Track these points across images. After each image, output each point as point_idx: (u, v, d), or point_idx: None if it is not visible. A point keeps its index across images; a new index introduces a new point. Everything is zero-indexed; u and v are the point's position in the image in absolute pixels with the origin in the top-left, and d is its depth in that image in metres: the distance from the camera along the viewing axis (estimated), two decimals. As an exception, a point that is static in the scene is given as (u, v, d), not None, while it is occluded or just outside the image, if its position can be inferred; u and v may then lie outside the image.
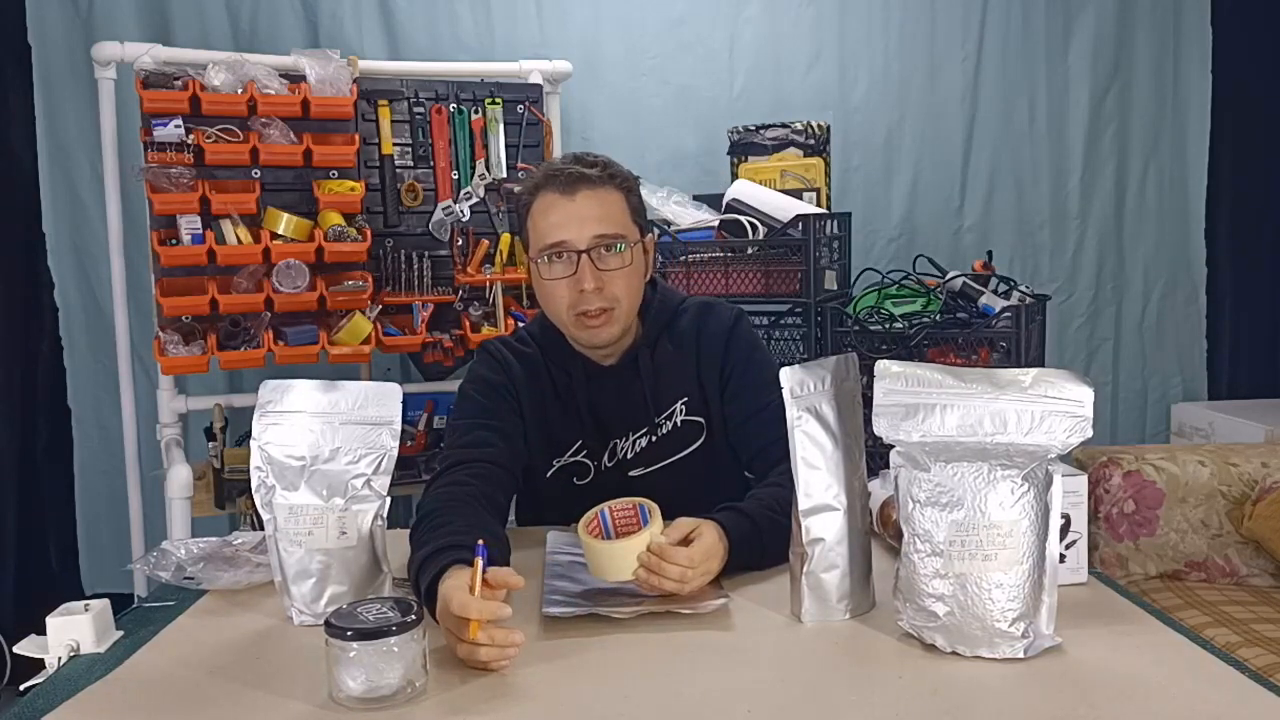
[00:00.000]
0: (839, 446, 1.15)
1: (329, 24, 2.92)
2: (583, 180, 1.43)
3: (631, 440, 1.53)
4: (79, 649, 1.08)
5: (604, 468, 1.53)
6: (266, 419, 1.18)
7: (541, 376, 1.53)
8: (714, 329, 1.54)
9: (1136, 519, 2.26)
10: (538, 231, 1.46)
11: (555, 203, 1.43)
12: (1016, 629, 1.02)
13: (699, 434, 1.54)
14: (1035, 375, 1.05)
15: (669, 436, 1.53)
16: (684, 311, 1.56)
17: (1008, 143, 3.27)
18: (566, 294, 1.43)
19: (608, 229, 1.43)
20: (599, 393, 1.52)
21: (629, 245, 1.45)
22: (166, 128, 2.30)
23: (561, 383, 1.53)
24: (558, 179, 1.44)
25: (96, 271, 2.82)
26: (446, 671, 1.01)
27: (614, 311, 1.44)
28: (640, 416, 1.52)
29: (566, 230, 1.42)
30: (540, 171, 1.49)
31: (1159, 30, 3.28)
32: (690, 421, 1.53)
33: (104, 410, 2.87)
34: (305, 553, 1.16)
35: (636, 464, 1.53)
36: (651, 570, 1.16)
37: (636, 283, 1.48)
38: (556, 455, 1.53)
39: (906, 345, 2.43)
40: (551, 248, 1.43)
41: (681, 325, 1.55)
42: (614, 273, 1.43)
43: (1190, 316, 3.40)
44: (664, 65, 3.12)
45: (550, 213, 1.44)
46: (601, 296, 1.42)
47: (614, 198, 1.46)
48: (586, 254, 1.41)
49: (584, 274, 1.41)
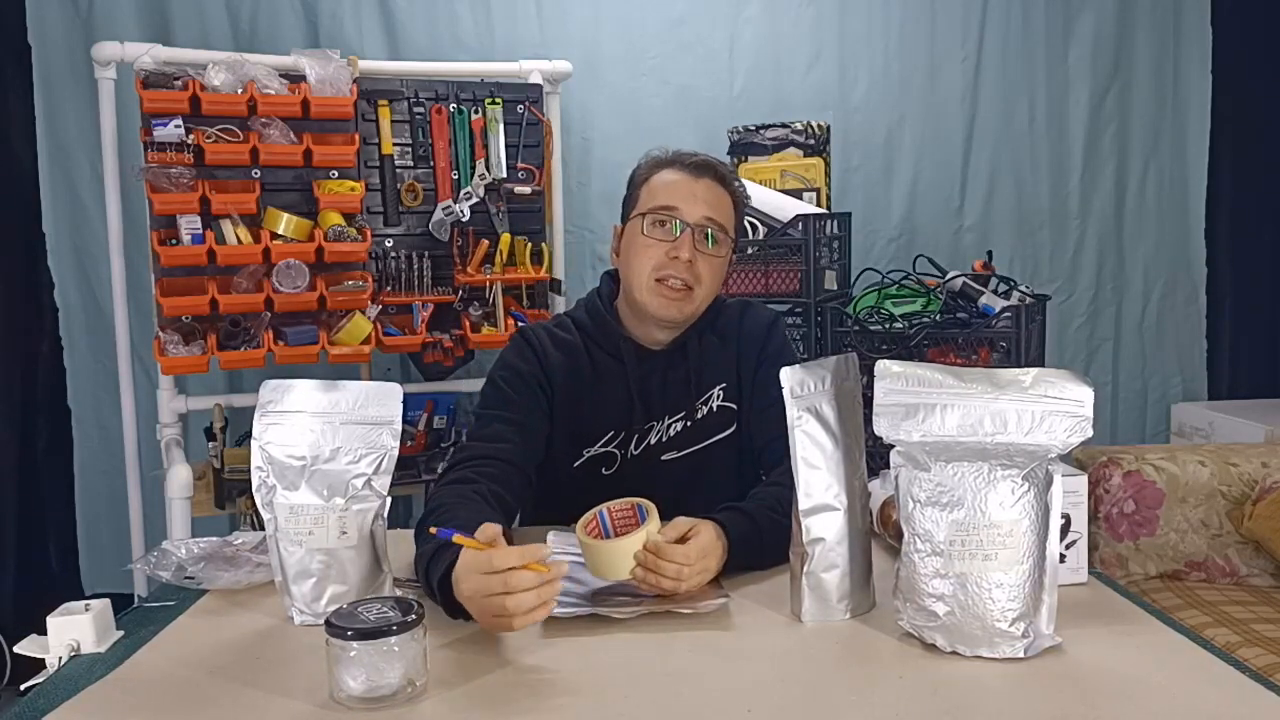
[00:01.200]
0: (839, 446, 1.15)
1: (329, 24, 2.92)
2: (710, 170, 1.52)
3: (668, 424, 1.56)
4: (79, 649, 1.08)
5: (630, 456, 1.55)
6: (267, 419, 1.18)
7: (581, 362, 1.55)
8: (754, 324, 1.60)
9: (1136, 519, 2.26)
10: (652, 193, 1.51)
11: (680, 178, 1.51)
12: (1016, 629, 1.02)
13: (731, 421, 1.58)
14: (1035, 375, 1.05)
15: (704, 421, 1.57)
16: (728, 308, 1.63)
17: (1008, 143, 3.27)
18: (658, 256, 1.48)
19: (718, 216, 1.50)
20: (649, 378, 1.56)
21: (728, 241, 1.53)
22: (166, 128, 2.31)
23: (605, 366, 1.56)
24: (687, 161, 1.52)
25: (96, 271, 2.82)
26: (446, 671, 1.01)
27: (694, 291, 1.49)
28: (681, 400, 1.56)
29: (684, 201, 1.49)
30: (668, 152, 1.56)
31: (1159, 30, 3.28)
32: (725, 407, 1.58)
33: (104, 410, 2.87)
34: (306, 552, 1.16)
35: (670, 448, 1.56)
36: (648, 568, 1.16)
37: (719, 278, 1.54)
38: (587, 445, 1.55)
39: (906, 345, 2.43)
40: (663, 210, 1.49)
41: (724, 319, 1.61)
42: (708, 256, 1.49)
43: (1190, 316, 3.40)
44: (664, 65, 3.12)
45: (672, 184, 1.50)
46: (690, 271, 1.47)
47: (729, 200, 1.54)
48: (692, 229, 1.48)
49: (683, 244, 1.47)
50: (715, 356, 1.58)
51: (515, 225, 2.64)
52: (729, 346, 1.58)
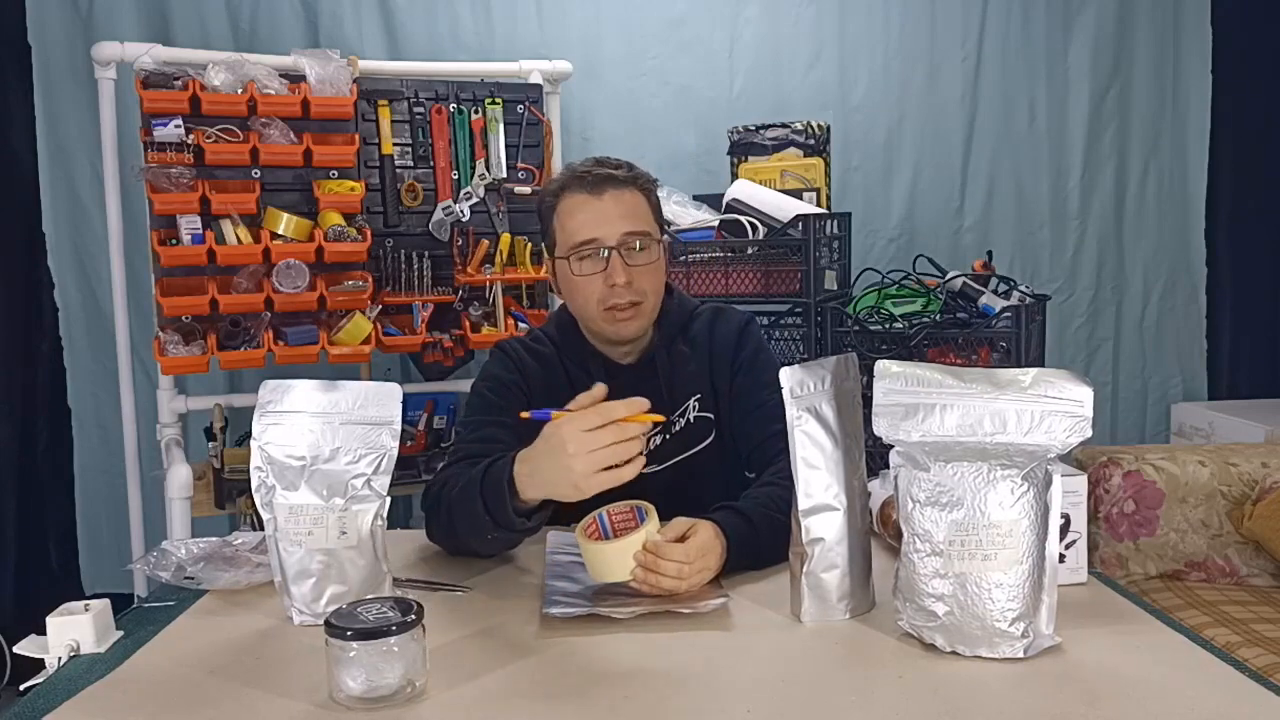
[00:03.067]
0: (839, 446, 1.15)
1: (329, 24, 2.92)
2: (609, 180, 1.48)
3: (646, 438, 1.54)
4: (79, 649, 1.08)
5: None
6: (266, 419, 1.18)
7: (557, 374, 1.56)
8: (725, 331, 1.60)
9: (1136, 519, 2.26)
10: (566, 231, 1.50)
11: (584, 202, 1.48)
12: (1016, 629, 1.02)
13: (709, 431, 1.57)
14: (1035, 375, 1.05)
15: (682, 433, 1.56)
16: (698, 316, 1.62)
17: (1008, 143, 3.27)
18: (597, 289, 1.47)
19: (635, 226, 1.48)
20: (616, 391, 1.53)
21: (654, 242, 1.51)
22: (166, 128, 2.31)
23: (579, 381, 1.54)
24: (584, 180, 1.49)
25: (96, 271, 2.83)
26: (446, 671, 1.01)
27: (642, 305, 1.49)
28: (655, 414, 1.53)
29: (597, 228, 1.47)
30: (564, 173, 1.54)
31: (1159, 30, 3.28)
32: (702, 418, 1.57)
33: (104, 410, 2.87)
34: (305, 553, 1.16)
35: (651, 461, 1.55)
36: (648, 568, 1.16)
37: (660, 279, 1.53)
38: None
39: (906, 345, 2.43)
40: (583, 245, 1.47)
41: (695, 329, 1.60)
42: (642, 268, 1.48)
43: (1190, 316, 3.40)
44: (664, 65, 3.12)
45: (579, 212, 1.48)
46: (631, 291, 1.47)
47: (638, 198, 1.51)
48: (617, 250, 1.46)
49: (615, 269, 1.46)
50: (687, 368, 1.57)
51: (515, 225, 2.64)
52: (701, 356, 1.58)
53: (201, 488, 2.46)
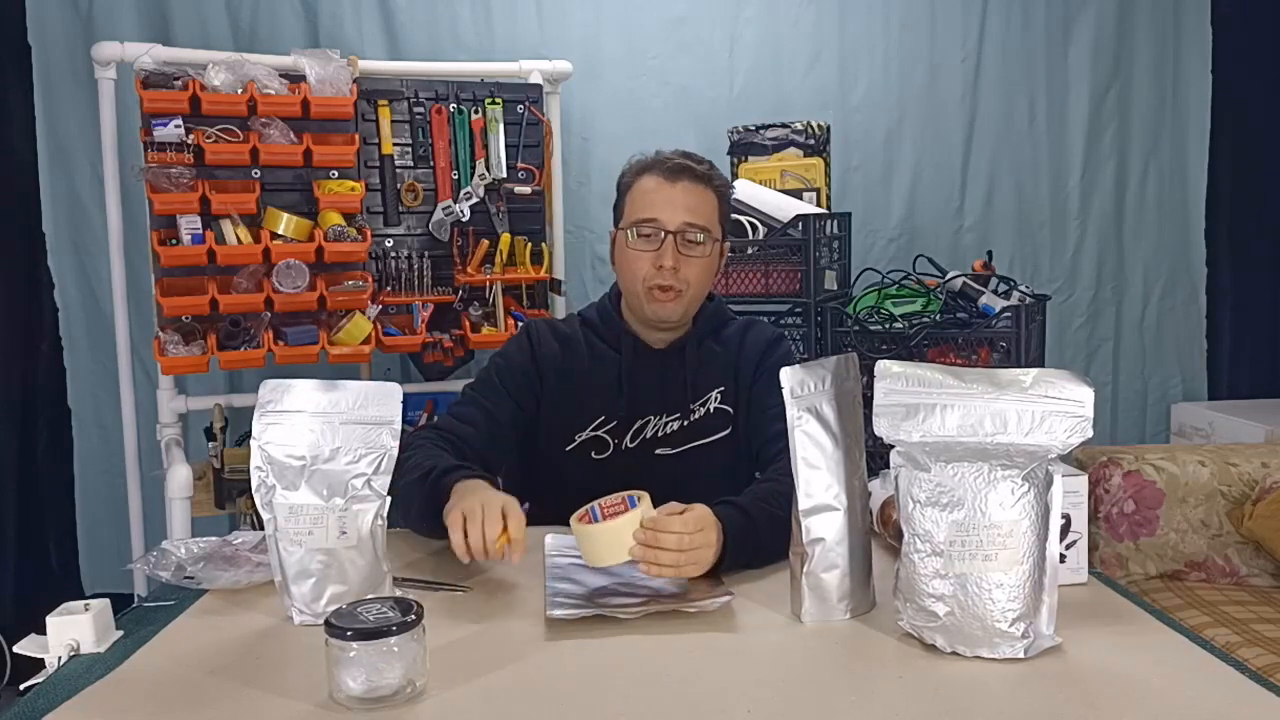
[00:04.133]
0: (839, 446, 1.15)
1: (329, 24, 2.92)
2: (686, 172, 1.56)
3: (664, 421, 1.61)
4: (79, 649, 1.08)
5: (625, 446, 1.60)
6: (266, 419, 1.18)
7: (578, 351, 1.63)
8: (757, 338, 1.66)
9: (1136, 519, 2.26)
10: (634, 205, 1.58)
11: (658, 185, 1.55)
12: (1017, 629, 1.02)
13: (727, 424, 1.62)
14: (1035, 375, 1.05)
15: (700, 422, 1.61)
16: (732, 322, 1.69)
17: (1008, 143, 3.27)
18: (645, 267, 1.54)
19: (698, 219, 1.55)
20: (643, 372, 1.62)
21: (711, 240, 1.57)
22: (166, 128, 2.30)
23: (602, 355, 1.63)
24: (664, 165, 1.56)
25: (96, 271, 2.82)
26: (446, 671, 1.01)
27: (684, 294, 1.55)
28: (676, 401, 1.61)
29: (661, 210, 1.54)
30: (649, 156, 1.61)
31: (1159, 30, 3.28)
32: (721, 410, 1.62)
33: (104, 410, 2.87)
34: (305, 552, 1.16)
35: (665, 444, 1.61)
36: (648, 544, 1.17)
37: (707, 276, 1.59)
38: (579, 429, 1.61)
39: (906, 345, 2.43)
40: (644, 222, 1.55)
41: (728, 331, 1.67)
42: (692, 259, 1.55)
43: (1190, 316, 3.40)
44: (664, 65, 3.12)
45: (651, 192, 1.56)
46: (676, 277, 1.53)
47: (709, 196, 1.57)
48: (673, 236, 1.53)
49: (666, 252, 1.53)
50: (713, 362, 1.63)
51: (515, 225, 2.64)
52: (729, 355, 1.64)
53: (201, 488, 2.45)
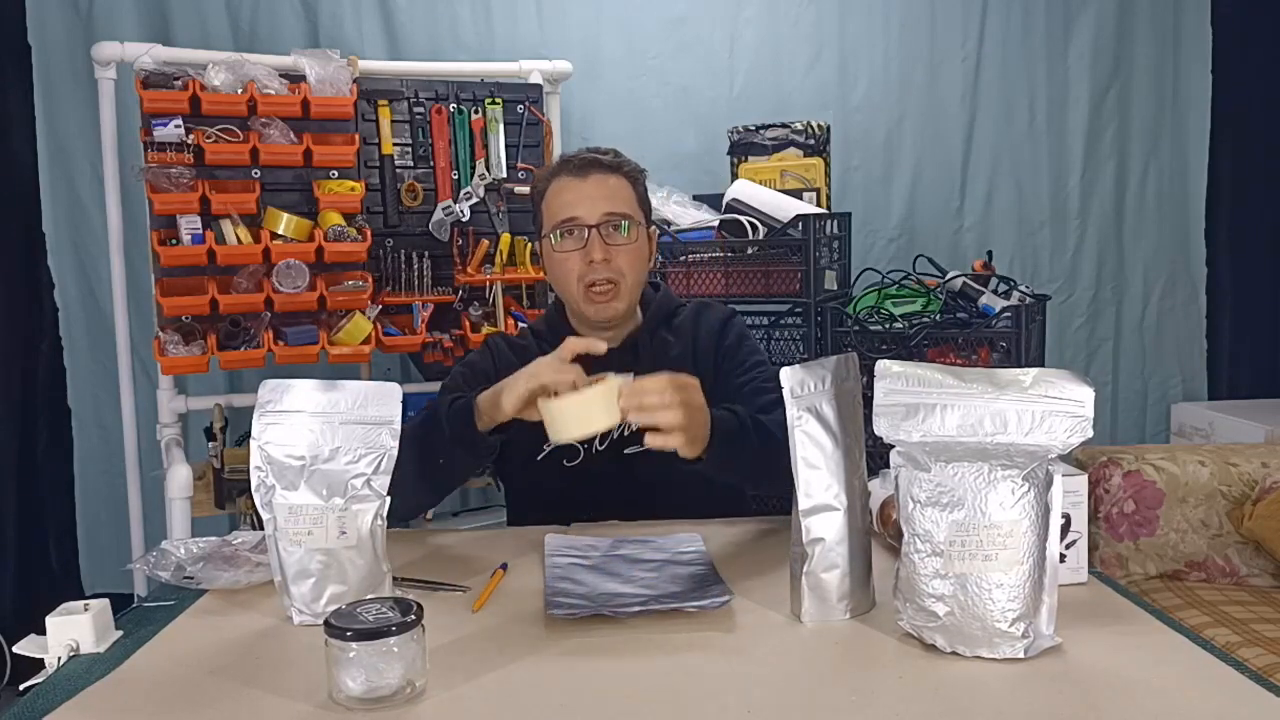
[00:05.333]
0: (839, 446, 1.15)
1: (329, 24, 2.92)
2: (594, 165, 1.58)
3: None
4: (79, 649, 1.08)
5: (595, 450, 1.59)
6: (266, 418, 1.18)
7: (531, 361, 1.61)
8: (710, 321, 1.67)
9: (1136, 519, 2.26)
10: (551, 211, 1.59)
11: (568, 184, 1.57)
12: (1017, 629, 1.02)
13: None
14: (1035, 375, 1.05)
15: None
16: (682, 309, 1.69)
17: (1008, 143, 3.27)
18: (576, 266, 1.55)
19: (617, 207, 1.56)
20: (599, 373, 1.57)
21: (635, 226, 1.58)
22: (166, 128, 2.30)
23: None
24: (571, 164, 1.59)
25: (96, 271, 2.82)
26: (446, 671, 1.01)
27: (619, 285, 1.56)
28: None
29: (578, 208, 1.55)
30: (555, 161, 1.64)
31: (1159, 30, 3.28)
32: None
33: (104, 410, 2.87)
34: (305, 552, 1.16)
35: (634, 442, 1.58)
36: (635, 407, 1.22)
37: (641, 263, 1.60)
38: (545, 440, 1.57)
39: (906, 345, 2.43)
40: (564, 224, 1.56)
41: (680, 320, 1.67)
42: (620, 248, 1.56)
43: (1190, 316, 3.40)
44: (664, 65, 3.12)
45: (563, 193, 1.57)
46: (609, 269, 1.54)
47: (622, 184, 1.59)
48: (596, 229, 1.54)
49: (593, 246, 1.54)
50: (669, 353, 1.62)
51: (515, 225, 2.64)
52: (684, 343, 1.64)
53: (201, 488, 2.45)
